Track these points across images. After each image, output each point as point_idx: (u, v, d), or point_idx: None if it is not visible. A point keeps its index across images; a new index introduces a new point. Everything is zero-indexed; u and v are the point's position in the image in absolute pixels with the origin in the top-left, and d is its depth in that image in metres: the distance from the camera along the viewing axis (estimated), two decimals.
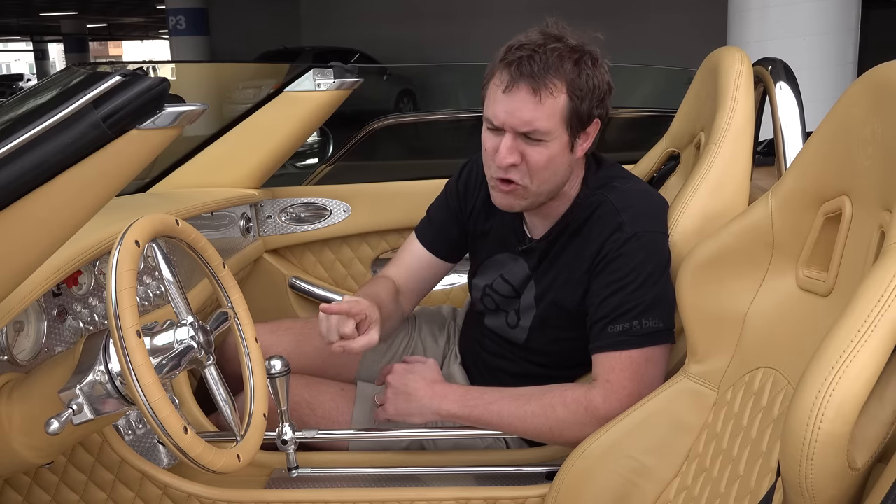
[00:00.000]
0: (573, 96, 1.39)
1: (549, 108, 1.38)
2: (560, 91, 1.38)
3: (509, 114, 1.38)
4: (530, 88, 1.36)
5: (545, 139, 1.39)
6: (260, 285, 2.35)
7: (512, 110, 1.38)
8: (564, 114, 1.39)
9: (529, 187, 1.44)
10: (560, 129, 1.40)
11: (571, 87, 1.38)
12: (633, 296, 1.42)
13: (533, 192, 1.46)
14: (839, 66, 5.17)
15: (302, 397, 1.65)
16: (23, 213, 1.01)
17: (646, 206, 1.49)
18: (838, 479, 0.79)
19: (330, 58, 2.59)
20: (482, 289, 1.67)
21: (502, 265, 1.64)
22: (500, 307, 1.65)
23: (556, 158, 1.42)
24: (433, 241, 1.75)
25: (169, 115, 1.04)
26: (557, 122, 1.39)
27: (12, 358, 1.29)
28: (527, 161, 1.41)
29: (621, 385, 1.42)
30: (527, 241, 1.59)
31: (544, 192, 1.47)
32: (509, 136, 1.40)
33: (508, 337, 1.64)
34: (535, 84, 1.36)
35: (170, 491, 1.52)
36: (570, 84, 1.38)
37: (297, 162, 4.15)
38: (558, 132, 1.40)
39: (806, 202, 1.19)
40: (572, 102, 1.39)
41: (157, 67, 6.29)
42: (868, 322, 0.77)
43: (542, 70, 1.36)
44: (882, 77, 1.04)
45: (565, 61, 1.38)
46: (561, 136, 1.41)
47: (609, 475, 1.36)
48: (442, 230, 1.74)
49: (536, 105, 1.37)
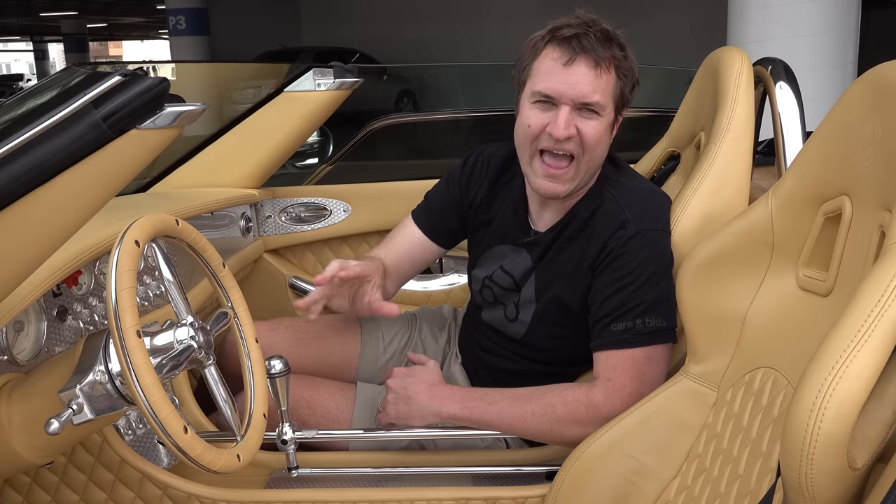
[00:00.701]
0: (620, 76, 1.44)
1: (605, 82, 1.42)
2: (612, 69, 1.43)
3: (569, 86, 1.41)
4: (592, 61, 1.40)
5: (600, 114, 1.43)
6: (260, 285, 2.35)
7: (573, 83, 1.40)
8: (614, 91, 1.44)
9: (580, 164, 1.46)
10: (610, 105, 1.45)
11: (619, 68, 1.44)
12: (635, 294, 1.42)
13: (581, 171, 1.47)
14: (839, 66, 5.17)
15: (302, 397, 1.65)
16: (23, 213, 1.00)
17: (649, 204, 1.49)
18: (838, 479, 0.79)
19: (330, 58, 2.60)
20: (481, 280, 1.67)
21: (503, 256, 1.64)
22: (498, 300, 1.65)
23: (603, 136, 1.46)
24: (432, 225, 1.76)
25: (169, 115, 1.04)
26: (610, 99, 1.44)
27: (12, 358, 1.29)
28: (581, 135, 1.43)
29: (622, 384, 1.42)
30: (531, 234, 1.59)
31: (588, 174, 1.49)
32: (566, 108, 1.42)
33: (507, 332, 1.64)
34: (596, 58, 1.40)
35: (170, 491, 1.52)
36: (618, 64, 1.43)
37: (297, 162, 4.16)
38: (609, 108, 1.45)
39: (806, 202, 1.19)
40: (620, 81, 1.44)
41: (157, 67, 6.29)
42: (868, 322, 0.77)
43: (600, 46, 1.41)
44: (882, 77, 1.04)
45: (612, 42, 1.43)
46: (609, 114, 1.45)
47: (609, 475, 1.36)
48: (441, 216, 1.75)
49: (596, 78, 1.41)
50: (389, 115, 2.90)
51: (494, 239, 1.66)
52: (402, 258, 1.75)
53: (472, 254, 1.75)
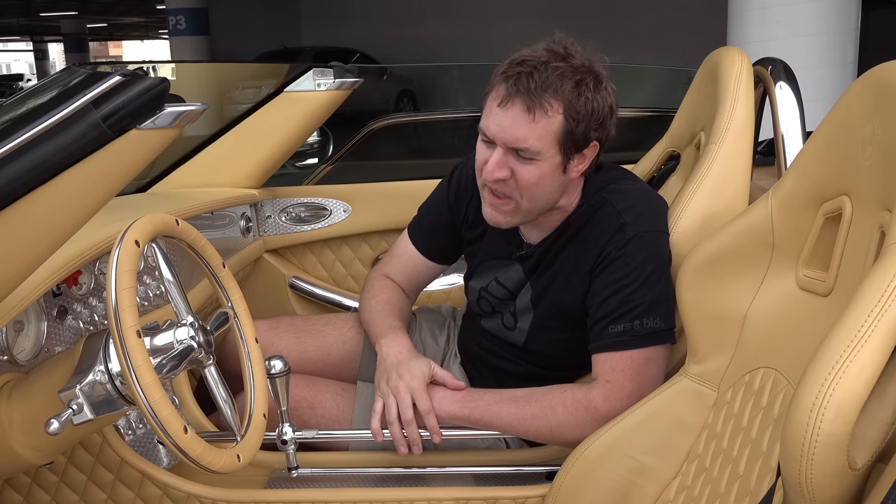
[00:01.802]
0: (569, 118, 1.36)
1: (543, 127, 1.36)
2: (556, 111, 1.36)
3: (501, 129, 1.37)
4: (525, 105, 1.35)
5: (536, 158, 1.38)
6: (260, 285, 2.35)
7: (504, 126, 1.37)
8: (558, 135, 1.37)
9: (520, 203, 1.44)
10: (552, 149, 1.38)
11: (569, 109, 1.36)
12: (634, 296, 1.42)
13: (523, 209, 1.45)
14: (839, 66, 5.17)
15: (302, 397, 1.65)
16: (23, 213, 1.00)
17: (647, 206, 1.49)
18: (838, 479, 0.79)
19: (330, 58, 2.59)
20: (477, 291, 1.67)
21: (497, 269, 1.64)
22: (495, 309, 1.65)
23: (546, 178, 1.41)
24: (424, 244, 1.76)
25: (169, 115, 1.04)
26: (550, 143, 1.38)
27: (12, 358, 1.29)
28: (516, 178, 1.40)
29: (621, 385, 1.42)
30: (524, 248, 1.59)
31: (535, 210, 1.47)
32: (500, 150, 1.39)
33: (507, 338, 1.64)
34: (530, 101, 1.34)
35: (170, 491, 1.52)
36: (568, 105, 1.36)
37: (297, 162, 4.15)
38: (550, 152, 1.38)
39: (806, 202, 1.19)
40: (568, 124, 1.37)
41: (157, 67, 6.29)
42: (868, 322, 0.77)
43: (540, 88, 1.34)
44: (882, 77, 1.04)
45: (566, 81, 1.36)
46: (553, 157, 1.39)
47: (609, 475, 1.36)
48: (432, 235, 1.75)
49: (529, 123, 1.35)
50: (389, 115, 2.91)
51: (487, 253, 1.66)
52: (409, 276, 1.79)
53: (468, 265, 1.75)
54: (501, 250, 1.63)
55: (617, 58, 1.46)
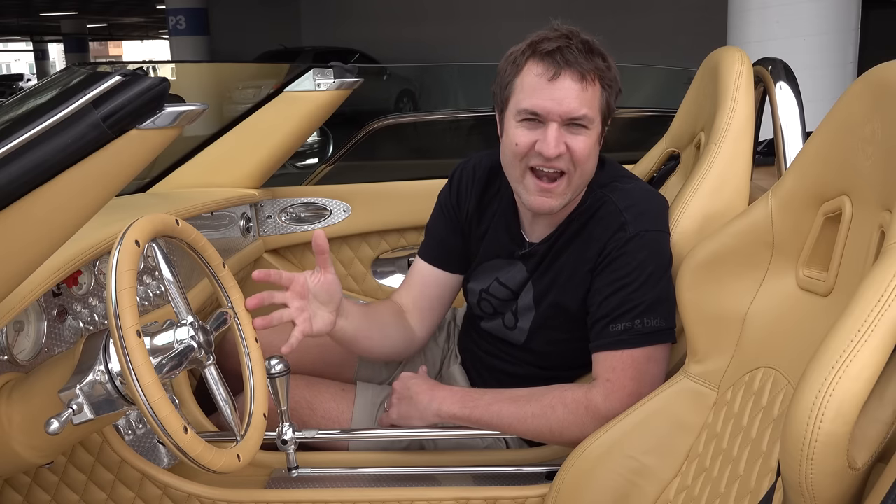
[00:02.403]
0: (605, 87, 1.41)
1: (592, 95, 1.40)
2: (597, 81, 1.40)
3: (556, 102, 1.37)
4: (577, 75, 1.38)
5: (588, 127, 1.40)
6: (260, 285, 2.34)
7: (559, 98, 1.37)
8: (601, 104, 1.42)
9: (572, 179, 1.43)
10: (598, 118, 1.42)
11: (603, 79, 1.41)
12: (634, 295, 1.42)
13: (574, 185, 1.45)
14: (839, 66, 5.17)
15: (302, 397, 1.65)
16: (23, 213, 1.00)
17: (648, 205, 1.49)
18: (838, 479, 0.79)
19: (330, 58, 2.59)
20: (478, 293, 1.66)
21: (498, 269, 1.63)
22: (497, 311, 1.65)
23: (593, 149, 1.44)
24: (437, 255, 1.70)
25: (169, 115, 1.04)
26: (597, 111, 1.42)
27: (12, 358, 1.29)
28: (571, 151, 1.40)
29: (622, 384, 1.42)
30: (526, 246, 1.59)
31: (581, 186, 1.47)
32: (554, 125, 1.38)
33: (507, 338, 1.64)
34: (581, 71, 1.38)
35: (170, 491, 1.52)
36: (602, 75, 1.41)
37: (297, 162, 4.16)
38: (597, 121, 1.42)
39: (806, 202, 1.19)
40: (605, 93, 1.42)
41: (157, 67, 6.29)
42: (868, 322, 0.77)
43: (583, 59, 1.38)
44: (882, 77, 1.04)
45: (594, 54, 1.40)
46: (597, 127, 1.43)
47: (609, 475, 1.36)
48: (443, 242, 1.70)
49: (582, 92, 1.38)
50: (389, 115, 2.91)
51: (488, 252, 1.64)
52: (420, 294, 1.70)
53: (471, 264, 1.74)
54: (503, 249, 1.62)
55: (617, 58, 1.46)
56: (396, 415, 1.55)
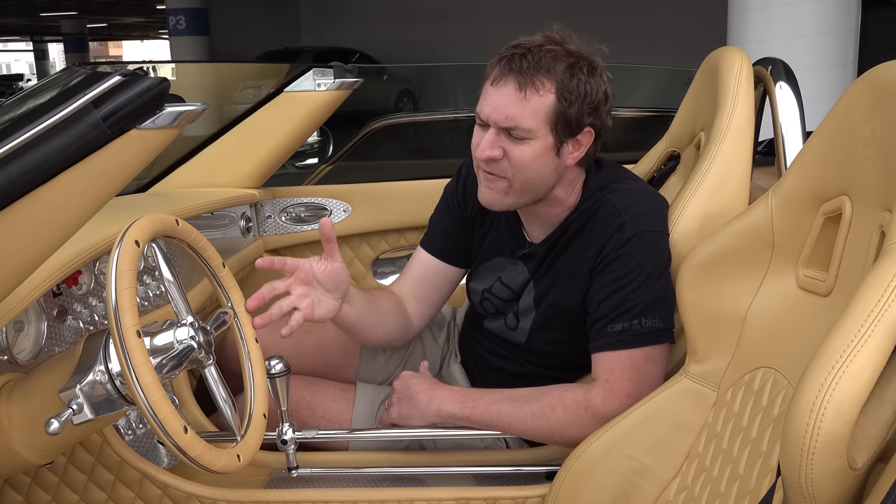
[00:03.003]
0: (561, 98, 1.38)
1: (534, 106, 1.37)
2: (548, 91, 1.37)
3: (494, 108, 1.39)
4: (517, 84, 1.37)
5: (527, 137, 1.39)
6: (260, 285, 2.33)
7: (497, 105, 1.39)
8: (550, 115, 1.39)
9: (512, 183, 1.44)
10: (544, 129, 1.39)
11: (561, 89, 1.38)
12: (632, 295, 1.42)
13: (516, 189, 1.45)
14: (839, 66, 5.17)
15: (302, 397, 1.65)
16: (23, 213, 1.00)
17: (647, 206, 1.49)
18: (838, 479, 0.79)
19: (330, 58, 2.59)
20: (480, 293, 1.67)
21: (500, 269, 1.63)
22: (499, 310, 1.65)
23: (538, 159, 1.41)
24: (440, 247, 1.70)
25: (169, 115, 1.04)
26: (541, 122, 1.39)
27: (12, 358, 1.29)
28: (509, 158, 1.41)
29: (621, 385, 1.42)
30: (527, 246, 1.59)
31: (528, 192, 1.46)
32: (492, 130, 1.41)
33: (508, 338, 1.64)
34: (521, 80, 1.36)
35: (170, 491, 1.52)
36: (560, 85, 1.38)
37: (297, 162, 4.16)
38: (542, 132, 1.39)
39: (806, 202, 1.19)
40: (560, 104, 1.38)
41: (157, 67, 6.29)
42: (868, 322, 0.77)
43: (533, 68, 1.36)
44: (882, 77, 1.04)
45: (559, 63, 1.38)
46: (545, 137, 1.40)
47: (609, 475, 1.36)
48: (446, 235, 1.70)
49: (521, 101, 1.37)
50: (389, 115, 2.91)
51: (490, 251, 1.65)
52: (418, 284, 1.70)
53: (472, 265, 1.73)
54: (504, 248, 1.62)
55: (617, 57, 1.46)
56: (396, 414, 1.55)
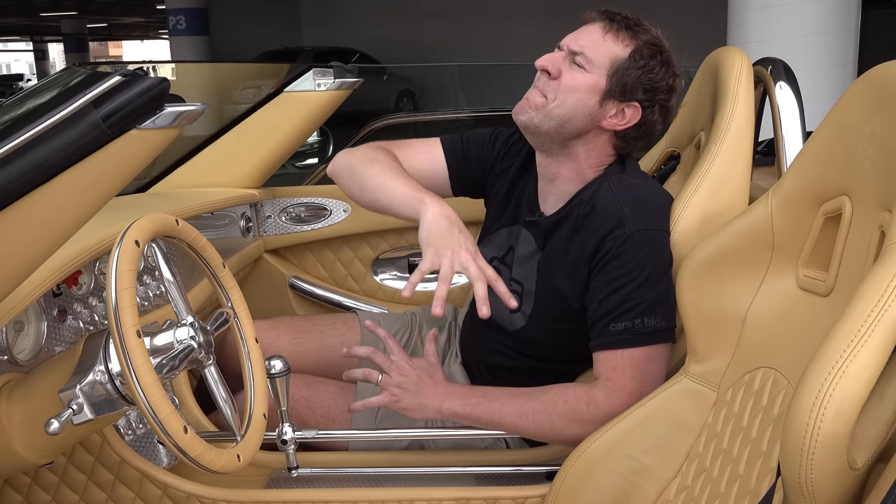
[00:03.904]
0: (632, 57, 1.46)
1: (607, 48, 1.46)
2: (625, 45, 1.46)
3: (574, 37, 1.49)
4: (604, 25, 1.48)
5: (585, 68, 1.46)
6: (260, 285, 2.35)
7: (577, 35, 1.49)
8: (615, 63, 1.46)
9: (549, 103, 1.48)
10: (603, 70, 1.46)
11: (635, 52, 1.46)
12: (634, 294, 1.42)
13: (548, 112, 1.48)
14: (839, 66, 5.17)
15: (302, 397, 1.65)
16: (23, 213, 1.01)
17: (649, 202, 1.49)
18: (838, 479, 0.79)
19: (330, 58, 2.60)
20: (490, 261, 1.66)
21: (511, 238, 1.64)
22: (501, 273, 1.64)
23: (583, 92, 1.47)
24: (455, 162, 1.71)
25: (169, 115, 1.04)
26: (604, 63, 1.46)
27: (12, 358, 1.29)
28: (560, 80, 1.47)
29: (623, 383, 1.42)
30: (536, 214, 1.60)
31: (556, 118, 1.48)
32: (561, 53, 1.49)
33: (506, 325, 1.63)
34: (609, 25, 1.47)
35: (170, 491, 1.52)
36: (637, 49, 1.46)
37: (297, 162, 4.16)
38: (599, 72, 1.46)
39: (806, 202, 1.19)
40: (628, 61, 1.46)
41: (157, 67, 6.29)
42: (868, 322, 0.77)
43: (624, 24, 1.47)
44: (882, 77, 1.04)
45: (645, 35, 1.48)
46: (599, 79, 1.46)
47: (609, 475, 1.36)
48: (466, 160, 1.72)
49: (598, 39, 1.47)
50: (389, 115, 2.91)
51: (505, 220, 1.67)
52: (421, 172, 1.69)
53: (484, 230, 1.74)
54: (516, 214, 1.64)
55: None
56: (395, 402, 1.53)
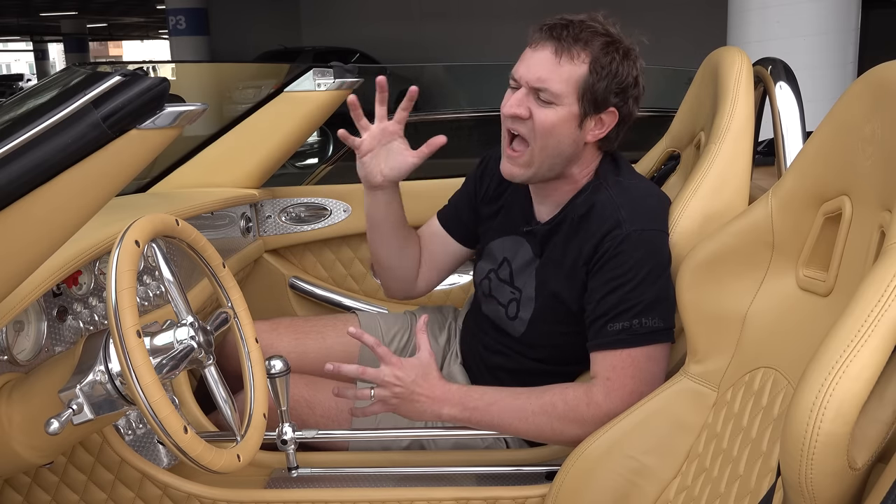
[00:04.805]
0: (593, 71, 1.42)
1: (567, 72, 1.42)
2: (582, 62, 1.42)
3: (528, 69, 1.44)
4: (554, 49, 1.42)
5: (554, 102, 1.43)
6: (260, 285, 2.35)
7: (531, 66, 1.44)
8: (580, 84, 1.43)
9: (534, 150, 1.47)
10: (571, 97, 1.43)
11: (594, 63, 1.42)
12: (632, 294, 1.42)
13: (537, 158, 1.47)
14: (839, 66, 5.17)
15: (302, 397, 1.65)
16: (23, 213, 1.01)
17: (646, 203, 1.49)
18: (838, 479, 0.79)
19: (330, 58, 2.60)
20: (486, 272, 1.68)
21: (508, 249, 1.64)
22: (494, 292, 1.65)
23: (561, 127, 1.45)
24: (448, 219, 1.79)
25: (169, 115, 1.04)
26: (570, 90, 1.43)
27: (12, 358, 1.29)
28: (533, 120, 1.44)
29: (622, 383, 1.42)
30: (532, 223, 1.60)
31: (546, 162, 1.48)
32: (523, 90, 1.45)
33: (506, 329, 1.63)
34: (559, 46, 1.42)
35: (170, 491, 1.52)
36: (594, 59, 1.42)
37: (297, 162, 4.15)
38: (569, 100, 1.43)
39: (806, 202, 1.19)
40: (590, 77, 1.42)
41: (157, 67, 6.29)
42: (868, 322, 0.77)
43: (572, 38, 1.42)
44: (882, 77, 1.04)
45: (597, 39, 1.43)
46: (570, 106, 1.44)
47: (609, 475, 1.36)
48: (456, 211, 1.78)
49: (555, 66, 1.42)
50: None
51: (500, 229, 1.67)
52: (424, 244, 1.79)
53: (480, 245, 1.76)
54: (514, 225, 1.64)
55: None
56: (391, 409, 1.51)
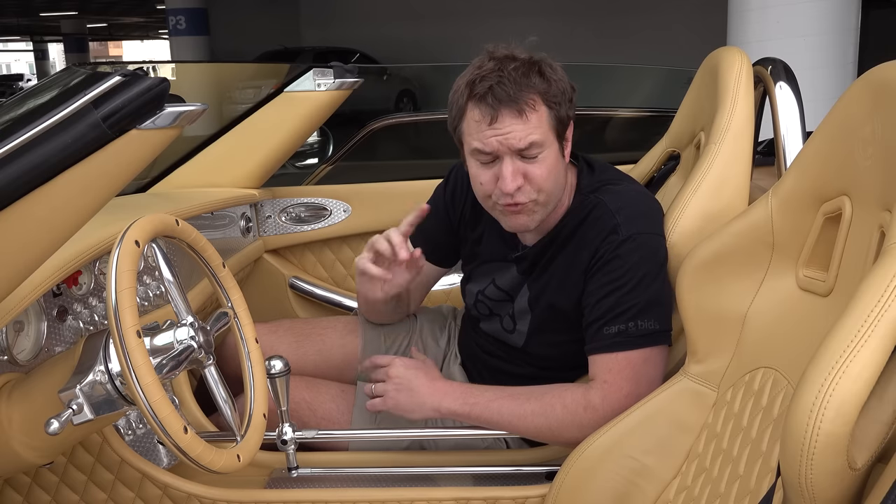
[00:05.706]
0: (550, 104, 1.41)
1: (536, 121, 1.39)
2: (539, 103, 1.39)
3: (504, 139, 1.39)
4: (514, 112, 1.38)
5: (540, 151, 1.41)
6: (260, 285, 2.35)
7: (503, 136, 1.39)
8: (550, 122, 1.41)
9: (538, 201, 1.45)
10: (550, 137, 1.42)
11: (546, 97, 1.40)
12: (628, 297, 1.42)
13: (542, 204, 1.46)
14: (839, 66, 5.16)
15: (302, 397, 1.65)
16: (23, 213, 1.01)
17: (641, 207, 1.49)
18: (838, 479, 0.79)
19: (330, 58, 2.60)
20: (475, 295, 1.68)
21: (494, 271, 1.64)
22: (493, 312, 1.65)
23: (554, 168, 1.44)
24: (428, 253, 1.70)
25: (169, 115, 1.04)
26: (547, 131, 1.41)
27: (12, 358, 1.29)
28: (529, 179, 1.42)
29: (619, 385, 1.42)
30: (519, 249, 1.59)
31: (551, 202, 1.48)
32: (508, 159, 1.40)
33: (506, 340, 1.64)
34: (515, 106, 1.37)
35: (170, 491, 1.52)
36: (544, 94, 1.40)
37: (297, 162, 4.15)
38: (549, 141, 1.42)
39: (806, 202, 1.19)
40: (552, 110, 1.41)
41: (157, 67, 6.28)
42: (868, 322, 0.77)
43: (516, 90, 1.37)
44: (882, 77, 1.04)
45: (531, 75, 1.39)
46: (552, 145, 1.43)
47: (609, 475, 1.36)
48: (430, 237, 1.71)
49: (524, 124, 1.38)
50: (389, 115, 2.90)
51: (484, 256, 1.67)
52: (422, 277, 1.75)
53: (464, 268, 1.75)
54: (498, 252, 1.63)
55: (615, 58, 1.46)
56: (393, 403, 1.53)
